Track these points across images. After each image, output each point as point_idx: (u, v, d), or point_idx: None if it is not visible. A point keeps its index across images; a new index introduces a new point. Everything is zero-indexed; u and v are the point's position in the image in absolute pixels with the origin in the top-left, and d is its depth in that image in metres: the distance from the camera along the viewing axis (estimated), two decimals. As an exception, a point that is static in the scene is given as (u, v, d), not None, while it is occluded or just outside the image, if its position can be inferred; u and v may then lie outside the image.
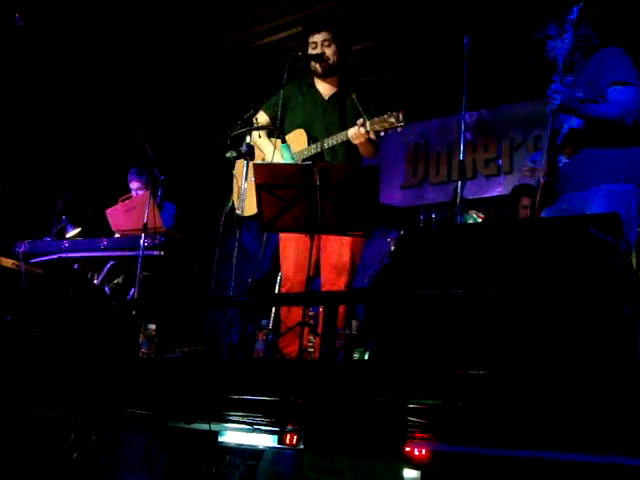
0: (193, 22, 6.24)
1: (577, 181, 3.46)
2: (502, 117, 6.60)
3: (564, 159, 3.55)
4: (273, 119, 4.37)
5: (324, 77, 4.37)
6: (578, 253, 2.33)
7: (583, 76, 3.54)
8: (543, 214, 3.58)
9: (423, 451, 2.92)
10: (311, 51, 4.28)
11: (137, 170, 5.56)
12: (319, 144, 4.20)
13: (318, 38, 4.26)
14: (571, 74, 3.58)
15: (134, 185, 5.59)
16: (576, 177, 3.47)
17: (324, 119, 4.31)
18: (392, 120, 3.91)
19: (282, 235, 4.38)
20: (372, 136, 4.11)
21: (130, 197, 5.29)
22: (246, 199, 4.03)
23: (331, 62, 4.29)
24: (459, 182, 3.94)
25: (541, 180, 3.57)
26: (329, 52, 4.27)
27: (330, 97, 4.38)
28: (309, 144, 4.26)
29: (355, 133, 4.02)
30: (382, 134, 4.06)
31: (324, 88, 4.41)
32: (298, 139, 4.31)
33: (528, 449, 2.62)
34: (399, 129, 3.93)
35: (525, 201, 4.95)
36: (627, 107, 3.35)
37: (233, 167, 4.39)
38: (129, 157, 5.75)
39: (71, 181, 6.23)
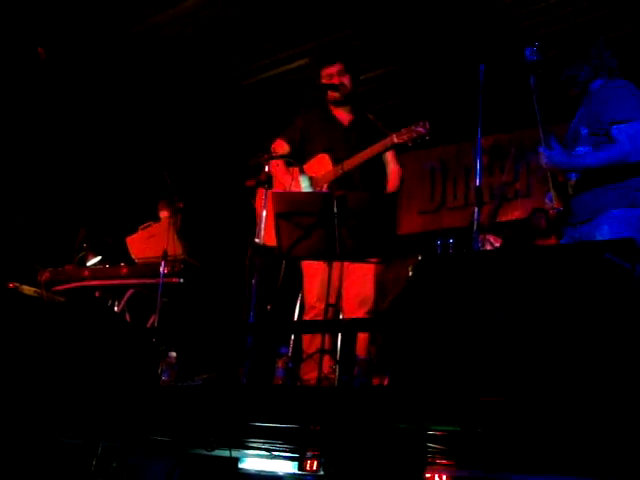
0: (211, 53, 6.34)
1: (584, 212, 3.44)
2: (518, 141, 6.60)
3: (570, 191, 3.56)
4: (291, 149, 4.44)
5: (341, 105, 4.51)
6: (595, 279, 2.34)
7: (590, 109, 3.49)
8: None
9: (444, 477, 2.92)
10: (327, 82, 4.42)
11: (168, 199, 5.61)
12: (343, 165, 4.25)
13: (333, 70, 4.43)
14: (581, 106, 3.59)
15: (164, 214, 5.64)
16: (583, 209, 3.46)
17: (347, 145, 4.38)
18: (419, 129, 3.99)
19: (305, 263, 4.40)
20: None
21: (150, 225, 5.34)
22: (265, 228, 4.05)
23: (348, 90, 4.45)
24: (475, 207, 3.96)
25: (552, 212, 3.59)
26: (345, 81, 4.44)
27: (350, 123, 4.50)
28: (334, 166, 4.32)
29: (384, 146, 4.15)
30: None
31: (342, 115, 4.54)
32: (321, 164, 4.39)
33: (547, 475, 2.61)
34: (427, 137, 3.99)
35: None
36: (631, 145, 3.26)
37: (252, 196, 4.44)
38: (149, 186, 5.81)
39: (92, 210, 6.30)
